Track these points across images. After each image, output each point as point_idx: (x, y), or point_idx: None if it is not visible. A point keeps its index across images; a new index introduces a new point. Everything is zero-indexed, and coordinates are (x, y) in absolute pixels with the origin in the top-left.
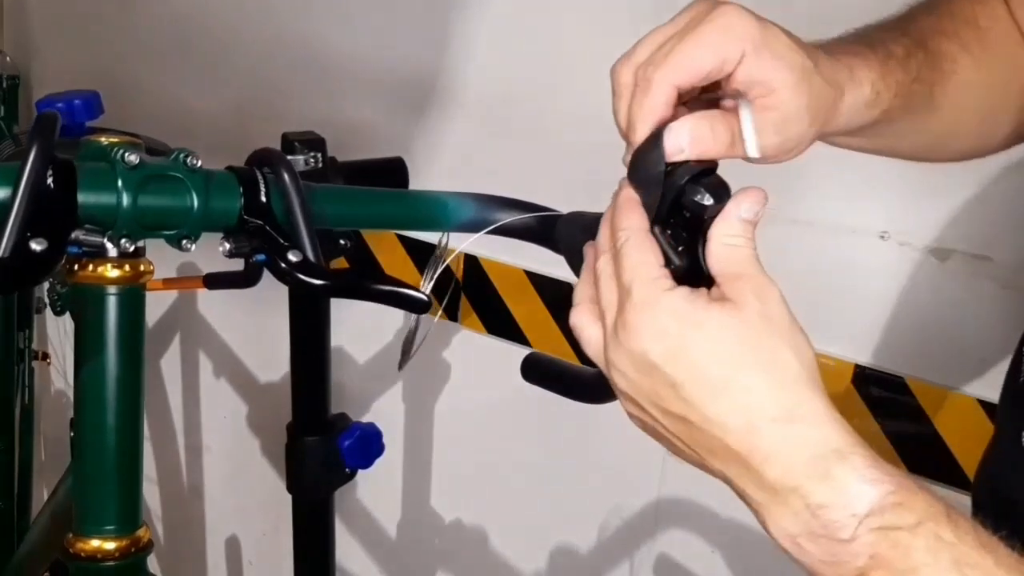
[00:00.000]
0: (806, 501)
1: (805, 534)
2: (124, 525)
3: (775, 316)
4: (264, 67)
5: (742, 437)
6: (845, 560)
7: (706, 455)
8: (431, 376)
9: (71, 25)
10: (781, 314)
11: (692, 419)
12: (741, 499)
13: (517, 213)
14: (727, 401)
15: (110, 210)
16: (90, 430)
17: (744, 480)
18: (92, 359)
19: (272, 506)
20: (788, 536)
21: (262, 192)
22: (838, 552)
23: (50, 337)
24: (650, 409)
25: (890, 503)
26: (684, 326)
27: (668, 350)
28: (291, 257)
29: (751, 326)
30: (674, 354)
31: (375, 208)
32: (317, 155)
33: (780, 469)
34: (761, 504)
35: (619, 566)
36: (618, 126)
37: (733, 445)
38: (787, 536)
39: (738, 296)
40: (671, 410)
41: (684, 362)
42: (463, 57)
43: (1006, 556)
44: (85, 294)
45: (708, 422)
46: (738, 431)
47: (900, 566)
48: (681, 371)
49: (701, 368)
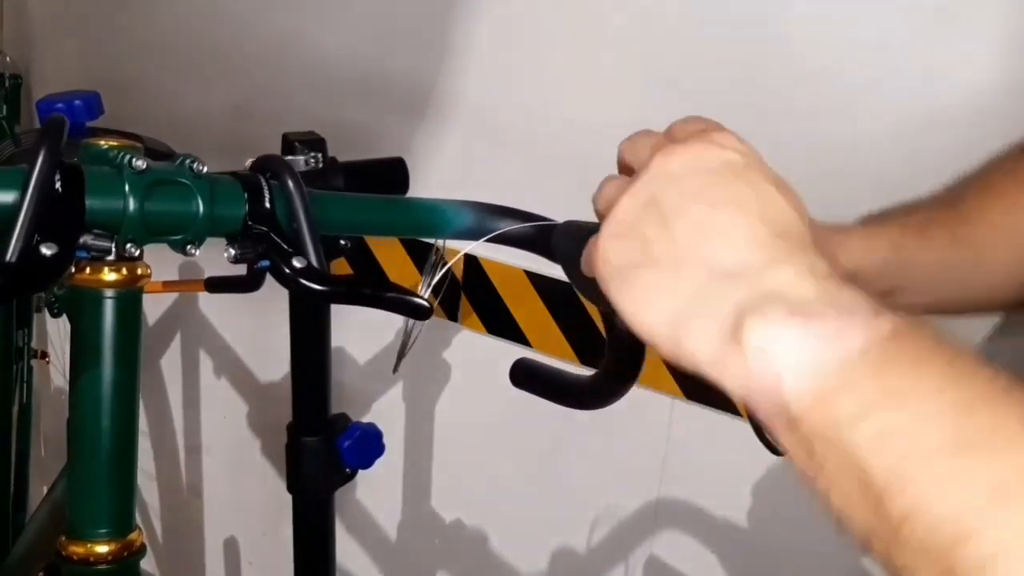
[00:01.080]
0: (830, 282)
1: (824, 299)
2: (117, 529)
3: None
4: (264, 69)
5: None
6: (864, 328)
7: (695, 264)
8: (431, 376)
9: (71, 25)
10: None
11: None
12: (704, 321)
13: (514, 222)
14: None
15: (117, 215)
16: (85, 433)
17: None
18: (88, 362)
19: (272, 506)
20: (788, 318)
21: (266, 199)
22: (854, 319)
23: (50, 336)
24: (654, 214)
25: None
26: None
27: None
28: (295, 263)
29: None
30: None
31: (375, 215)
32: (317, 155)
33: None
34: (755, 297)
35: (619, 566)
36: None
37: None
38: (786, 320)
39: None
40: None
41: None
42: (460, 66)
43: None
44: (82, 297)
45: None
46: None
47: (927, 337)
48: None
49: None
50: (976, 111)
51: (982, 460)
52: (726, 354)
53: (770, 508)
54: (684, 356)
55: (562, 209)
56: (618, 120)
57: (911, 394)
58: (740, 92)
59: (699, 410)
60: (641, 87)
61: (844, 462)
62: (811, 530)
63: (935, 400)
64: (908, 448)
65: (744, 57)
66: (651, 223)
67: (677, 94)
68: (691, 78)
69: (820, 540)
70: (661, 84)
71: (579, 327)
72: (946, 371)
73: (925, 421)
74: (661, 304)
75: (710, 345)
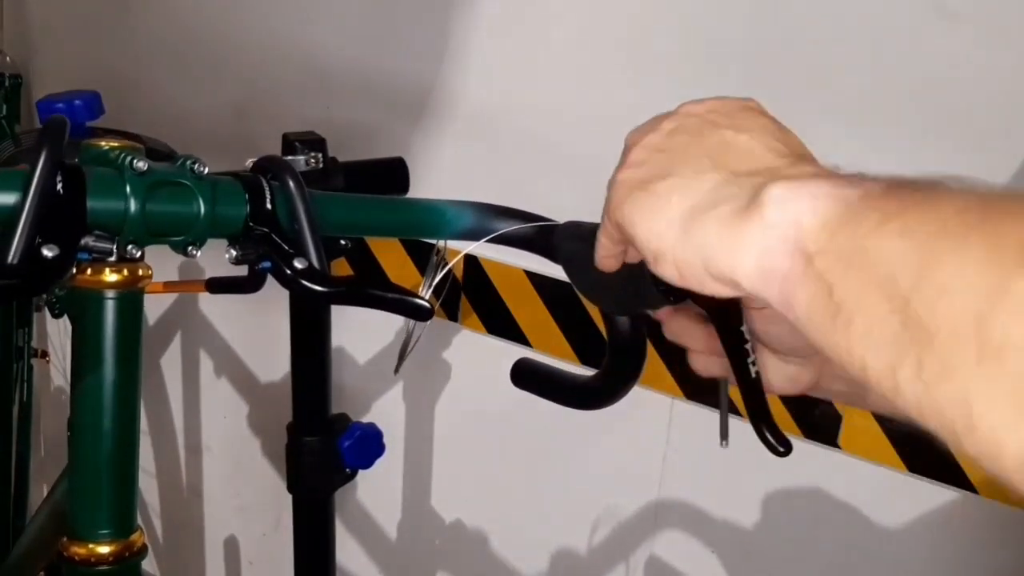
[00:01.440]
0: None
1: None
2: (119, 530)
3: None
4: (263, 69)
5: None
6: (879, 180)
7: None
8: (431, 376)
9: (71, 25)
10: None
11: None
12: (716, 208)
13: (514, 222)
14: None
15: (118, 216)
16: (86, 434)
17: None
18: (89, 363)
19: (272, 506)
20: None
21: (267, 200)
22: (873, 178)
23: (50, 335)
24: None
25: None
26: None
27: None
28: (296, 264)
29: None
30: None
31: (375, 216)
32: (318, 155)
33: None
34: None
35: (619, 567)
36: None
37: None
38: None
39: None
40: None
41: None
42: (460, 66)
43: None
44: (83, 298)
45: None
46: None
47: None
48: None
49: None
50: (977, 110)
51: (1017, 222)
52: (740, 226)
53: (770, 508)
54: (691, 251)
55: (562, 210)
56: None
57: (933, 199)
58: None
59: (699, 410)
60: (641, 87)
61: (867, 277)
62: (811, 530)
63: (956, 201)
64: (933, 231)
65: (749, 55)
66: (675, 144)
67: (679, 94)
68: (693, 77)
69: (820, 540)
70: (661, 84)
71: (579, 327)
72: (967, 193)
73: (951, 212)
74: (674, 202)
75: (724, 227)
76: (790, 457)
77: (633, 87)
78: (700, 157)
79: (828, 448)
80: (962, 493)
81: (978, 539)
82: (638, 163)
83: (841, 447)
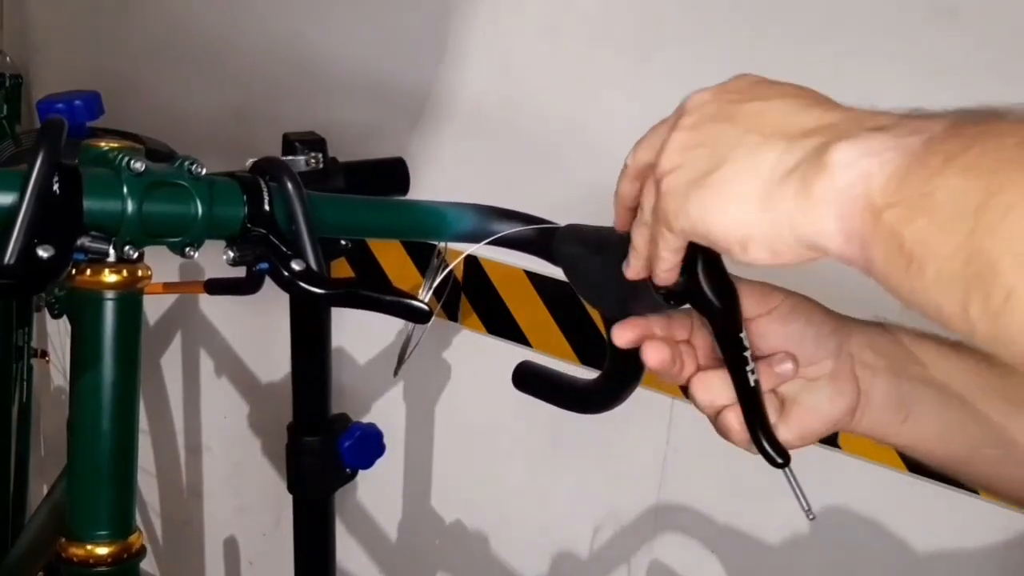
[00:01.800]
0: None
1: (901, 115)
2: (117, 531)
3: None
4: (263, 69)
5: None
6: (939, 120)
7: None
8: (431, 376)
9: (71, 25)
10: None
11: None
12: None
13: (515, 225)
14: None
15: (115, 217)
16: (85, 435)
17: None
18: (88, 363)
19: (272, 506)
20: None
21: (265, 201)
22: (928, 122)
23: (50, 335)
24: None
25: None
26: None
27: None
28: (294, 266)
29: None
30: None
31: (375, 218)
32: (318, 155)
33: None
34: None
35: (618, 568)
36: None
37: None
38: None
39: None
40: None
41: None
42: (460, 66)
43: None
44: (82, 298)
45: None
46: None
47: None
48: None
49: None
50: None
51: None
52: (815, 193)
53: (770, 509)
54: (779, 227)
55: (562, 210)
56: (618, 121)
57: (992, 134)
58: None
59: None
60: (641, 87)
61: (935, 218)
62: (811, 531)
63: (1018, 132)
64: (995, 165)
65: (747, 55)
66: (709, 135)
67: (679, 93)
68: (693, 76)
69: (820, 541)
70: (661, 85)
71: (579, 328)
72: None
73: (1012, 145)
74: (745, 186)
75: (800, 196)
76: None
77: (633, 88)
78: (745, 134)
79: (828, 448)
80: (962, 494)
81: (978, 539)
82: (678, 166)
83: (841, 447)
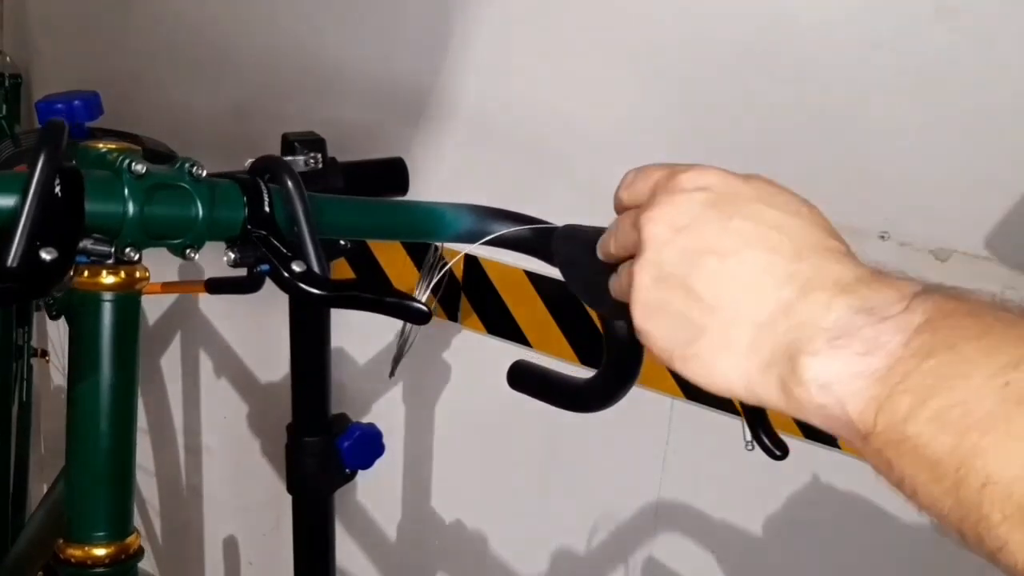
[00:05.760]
0: (858, 290)
1: (855, 310)
2: (115, 532)
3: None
4: (263, 69)
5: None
6: (898, 329)
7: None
8: (431, 376)
9: (71, 25)
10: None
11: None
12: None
13: (513, 225)
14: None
15: (116, 219)
16: (83, 436)
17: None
18: (86, 364)
19: (272, 506)
20: (831, 327)
21: (266, 203)
22: (887, 324)
23: (50, 335)
24: (693, 238)
25: (934, 287)
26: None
27: (726, 183)
28: (295, 267)
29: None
30: (734, 190)
31: (373, 218)
32: (317, 155)
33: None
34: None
35: (618, 567)
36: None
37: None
38: (830, 327)
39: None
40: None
41: (741, 199)
42: (460, 67)
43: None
44: (80, 300)
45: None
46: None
47: (962, 314)
48: (743, 201)
49: (758, 207)
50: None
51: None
52: (798, 398)
53: (769, 508)
54: (767, 404)
55: (561, 211)
56: (617, 121)
57: (955, 370)
58: (739, 92)
59: (699, 410)
60: (640, 88)
61: (916, 460)
62: (810, 530)
63: (981, 367)
64: (964, 422)
65: (744, 58)
66: (674, 294)
67: (677, 95)
68: (691, 79)
69: (820, 540)
70: (660, 85)
71: (579, 327)
72: (985, 336)
73: (975, 391)
74: (727, 365)
75: (781, 392)
76: (789, 458)
77: (633, 89)
78: (713, 307)
79: (828, 448)
80: None
81: None
82: (651, 315)
83: (841, 447)
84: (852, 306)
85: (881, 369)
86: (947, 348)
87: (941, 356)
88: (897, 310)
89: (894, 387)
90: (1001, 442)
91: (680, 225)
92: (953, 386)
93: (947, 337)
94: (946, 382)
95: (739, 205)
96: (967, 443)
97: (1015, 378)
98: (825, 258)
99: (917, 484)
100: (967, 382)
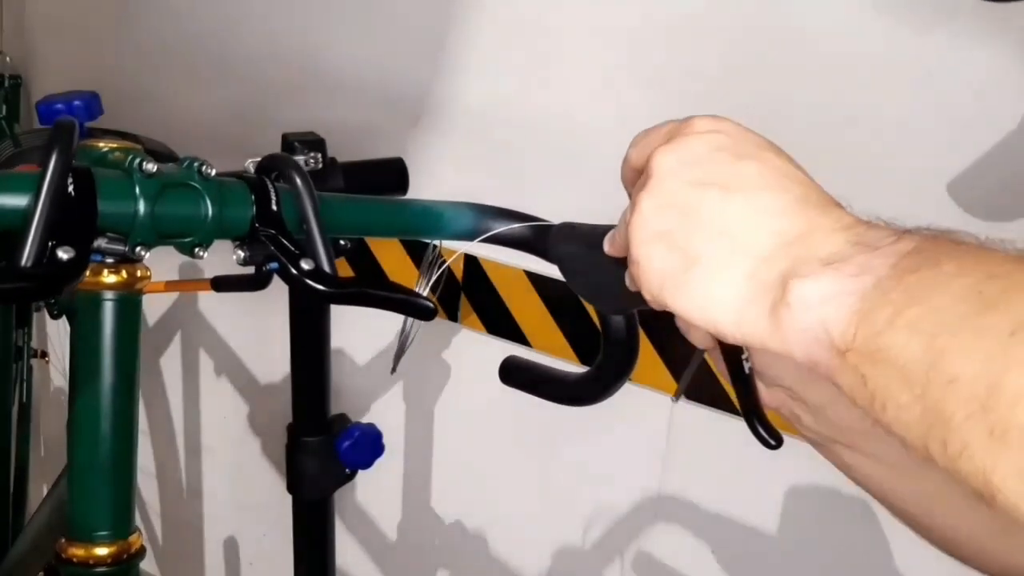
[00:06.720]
0: (854, 229)
1: (851, 243)
2: (117, 531)
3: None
4: (263, 70)
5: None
6: (888, 255)
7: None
8: (431, 376)
9: (71, 25)
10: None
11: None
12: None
13: (511, 223)
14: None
15: (128, 218)
16: (84, 436)
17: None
18: (87, 364)
19: (272, 506)
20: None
21: (273, 201)
22: (879, 251)
23: (49, 335)
24: (699, 172)
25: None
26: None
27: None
28: (304, 265)
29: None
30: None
31: (374, 217)
32: (317, 155)
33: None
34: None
35: (618, 567)
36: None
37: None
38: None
39: None
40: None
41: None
42: (460, 68)
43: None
44: (81, 299)
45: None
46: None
47: (945, 250)
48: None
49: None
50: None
51: (1002, 313)
52: (783, 321)
53: (769, 507)
54: (750, 338)
55: (560, 211)
56: (616, 121)
57: (933, 286)
58: (741, 92)
59: (699, 410)
60: (639, 88)
61: (888, 369)
62: (810, 529)
63: (957, 283)
64: (935, 327)
65: (745, 57)
66: (676, 222)
67: (677, 95)
68: (692, 79)
69: (819, 539)
70: (660, 85)
71: (579, 327)
72: (966, 261)
73: (948, 302)
74: (720, 292)
75: (769, 319)
76: (788, 456)
77: (631, 89)
78: (714, 238)
79: None
80: None
81: None
82: (649, 240)
83: None
84: (849, 240)
85: (868, 287)
86: (931, 265)
87: (924, 272)
88: (889, 241)
89: (876, 300)
90: (968, 341)
91: (690, 160)
92: (930, 296)
93: (931, 256)
94: (924, 292)
95: (750, 149)
96: (937, 345)
97: (988, 286)
98: (828, 204)
99: (888, 396)
100: (944, 292)
